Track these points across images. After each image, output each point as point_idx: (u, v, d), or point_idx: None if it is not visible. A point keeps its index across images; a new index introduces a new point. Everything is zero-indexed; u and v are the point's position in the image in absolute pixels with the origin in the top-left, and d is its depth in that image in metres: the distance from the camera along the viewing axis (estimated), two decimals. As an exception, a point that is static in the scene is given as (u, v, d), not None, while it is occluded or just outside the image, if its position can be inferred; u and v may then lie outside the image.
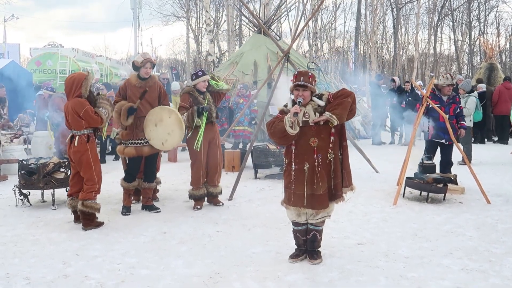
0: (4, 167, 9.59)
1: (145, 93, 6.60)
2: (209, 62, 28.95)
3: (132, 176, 6.87)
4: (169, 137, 6.64)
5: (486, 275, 4.58)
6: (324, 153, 4.67)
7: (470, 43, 47.10)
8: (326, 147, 4.67)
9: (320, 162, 4.68)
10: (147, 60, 6.63)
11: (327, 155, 4.67)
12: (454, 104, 8.17)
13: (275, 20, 19.13)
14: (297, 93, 4.67)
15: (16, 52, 30.83)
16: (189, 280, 4.46)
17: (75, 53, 22.61)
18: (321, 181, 4.67)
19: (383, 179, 9.10)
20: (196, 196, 7.05)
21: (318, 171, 4.67)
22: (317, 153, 4.67)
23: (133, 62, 6.74)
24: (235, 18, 35.03)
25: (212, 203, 7.25)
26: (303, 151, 4.70)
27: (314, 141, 4.66)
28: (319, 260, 4.86)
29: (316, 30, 41.62)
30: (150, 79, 6.72)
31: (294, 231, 4.98)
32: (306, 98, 4.69)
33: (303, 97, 4.66)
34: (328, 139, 4.65)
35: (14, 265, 4.84)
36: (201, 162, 6.96)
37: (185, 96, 6.95)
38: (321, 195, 4.68)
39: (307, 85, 4.66)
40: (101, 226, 6.12)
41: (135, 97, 6.62)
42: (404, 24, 48.11)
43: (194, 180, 7.06)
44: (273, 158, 9.36)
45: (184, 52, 50.72)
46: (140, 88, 6.64)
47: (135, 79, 6.70)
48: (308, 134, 4.67)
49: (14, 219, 6.56)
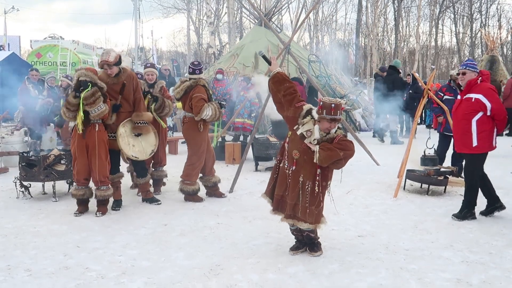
0: (5, 159, 9.59)
1: (124, 87, 6.48)
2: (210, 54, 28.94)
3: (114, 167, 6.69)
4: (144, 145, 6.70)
5: (487, 267, 4.58)
6: (298, 170, 4.63)
7: (471, 35, 47.02)
8: (304, 168, 4.61)
9: (291, 174, 4.67)
10: (103, 63, 6.34)
11: (299, 175, 4.63)
12: None
13: (276, 12, 19.09)
14: (329, 125, 4.49)
15: (16, 44, 30.82)
16: (190, 272, 4.47)
17: (76, 45, 22.61)
18: (290, 191, 4.69)
19: (383, 172, 9.10)
20: (195, 191, 7.01)
21: (288, 180, 4.69)
22: (295, 165, 4.65)
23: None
24: (235, 10, 34.92)
25: (215, 195, 7.23)
26: (289, 155, 4.71)
27: (296, 154, 4.63)
28: (319, 252, 4.87)
29: (317, 22, 41.53)
30: (122, 74, 6.48)
31: (290, 229, 4.99)
32: (331, 130, 4.54)
33: (330, 128, 4.51)
34: (311, 164, 4.56)
35: (15, 256, 4.85)
36: (204, 155, 6.97)
37: (202, 89, 6.95)
38: (290, 204, 4.70)
39: (340, 119, 4.55)
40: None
41: (114, 93, 6.45)
42: (405, 16, 47.98)
43: (193, 174, 7.01)
44: (274, 151, 9.35)
45: (185, 44, 50.70)
46: (114, 85, 6.42)
47: (105, 77, 6.40)
48: (297, 145, 4.64)
49: (15, 211, 6.56)
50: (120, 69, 6.49)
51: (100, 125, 6.28)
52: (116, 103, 6.46)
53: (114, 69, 6.40)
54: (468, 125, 6.01)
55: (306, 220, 4.64)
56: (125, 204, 6.79)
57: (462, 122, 6.09)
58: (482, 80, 6.07)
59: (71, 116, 6.24)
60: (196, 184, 7.03)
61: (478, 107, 5.94)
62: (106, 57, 6.32)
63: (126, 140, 6.52)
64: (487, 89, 6.01)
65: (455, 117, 6.28)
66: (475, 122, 5.97)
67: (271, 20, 17.80)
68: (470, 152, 6.08)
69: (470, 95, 6.03)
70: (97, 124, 6.25)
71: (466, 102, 6.05)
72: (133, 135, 6.58)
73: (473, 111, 5.98)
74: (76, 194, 6.34)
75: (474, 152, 6.04)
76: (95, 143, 6.21)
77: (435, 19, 45.63)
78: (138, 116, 6.55)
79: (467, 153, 6.14)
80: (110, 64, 6.33)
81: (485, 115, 5.95)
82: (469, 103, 6.00)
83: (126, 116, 6.56)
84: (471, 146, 6.02)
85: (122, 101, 6.52)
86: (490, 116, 5.96)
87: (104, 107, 6.19)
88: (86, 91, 6.09)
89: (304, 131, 4.59)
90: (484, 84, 6.05)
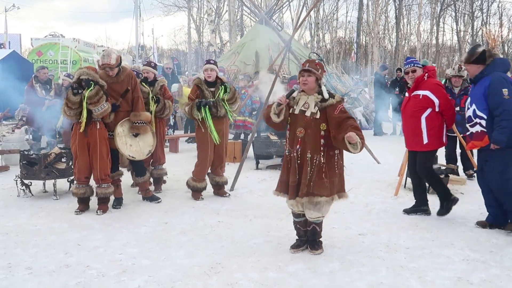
0: (6, 158, 9.60)
1: (127, 93, 6.50)
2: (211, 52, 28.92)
3: (113, 165, 6.70)
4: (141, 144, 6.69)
5: (487, 266, 4.58)
6: (305, 148, 4.64)
7: (472, 33, 46.94)
8: (309, 143, 4.63)
9: (299, 154, 4.67)
10: (105, 66, 6.32)
11: (306, 151, 4.64)
12: (466, 96, 8.07)
13: (276, 10, 19.07)
14: (302, 79, 4.68)
15: (17, 43, 30.82)
16: (190, 270, 4.47)
17: (76, 43, 22.59)
18: (297, 172, 4.67)
19: (384, 170, 9.10)
20: (198, 188, 7.04)
21: (297, 162, 4.68)
22: (300, 144, 4.66)
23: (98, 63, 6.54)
24: (236, 8, 34.90)
25: (218, 194, 7.24)
26: (292, 138, 4.74)
27: (300, 132, 4.66)
28: (320, 250, 4.86)
29: (318, 20, 41.48)
30: (121, 74, 6.48)
31: (295, 222, 4.98)
32: (309, 83, 4.67)
33: (306, 81, 4.66)
34: (314, 136, 4.61)
35: (16, 255, 4.86)
36: (208, 154, 6.94)
37: (194, 88, 7.00)
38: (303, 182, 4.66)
39: (311, 70, 4.65)
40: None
41: (113, 92, 6.45)
42: (406, 14, 47.91)
43: (198, 171, 7.03)
44: (275, 149, 9.36)
45: (185, 42, 50.68)
46: (113, 84, 6.42)
47: (105, 76, 6.39)
48: (299, 123, 4.67)
49: (15, 209, 6.57)
50: (120, 68, 6.49)
51: (101, 123, 6.29)
52: (116, 103, 6.46)
53: (115, 71, 6.42)
54: (417, 122, 5.99)
55: (321, 193, 4.62)
56: (126, 203, 6.79)
57: (411, 119, 6.08)
58: (429, 76, 6.07)
59: (72, 114, 6.22)
60: (202, 182, 7.05)
61: (426, 103, 5.93)
62: (107, 60, 6.30)
63: (124, 139, 6.52)
64: (434, 85, 6.00)
65: (404, 115, 6.27)
66: (424, 119, 5.95)
67: (272, 18, 17.79)
68: (422, 150, 6.06)
69: (417, 92, 6.02)
70: (98, 122, 6.25)
71: (414, 99, 6.05)
72: (130, 135, 6.58)
73: (421, 108, 5.97)
74: (77, 192, 6.34)
75: (426, 150, 6.04)
76: (96, 141, 6.21)
77: (436, 17, 45.60)
78: (136, 116, 6.55)
79: (418, 150, 6.11)
80: (112, 67, 6.34)
81: (433, 111, 5.95)
82: (417, 100, 6.00)
83: (124, 115, 6.55)
84: (422, 143, 6.01)
85: (121, 100, 6.52)
86: (439, 112, 5.96)
87: (106, 105, 6.20)
88: (90, 90, 6.08)
89: (301, 107, 4.68)
90: (431, 80, 6.05)
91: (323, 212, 4.75)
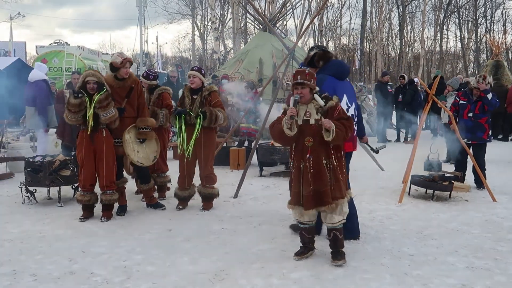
0: (11, 165, 9.63)
1: (131, 91, 6.50)
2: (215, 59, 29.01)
3: (117, 173, 6.69)
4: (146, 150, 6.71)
5: (492, 273, 4.56)
6: (317, 155, 4.65)
7: (476, 40, 46.94)
8: (320, 150, 4.65)
9: (311, 163, 4.67)
10: (127, 60, 6.39)
11: (320, 157, 4.65)
12: (481, 102, 8.10)
13: (280, 17, 19.14)
14: (296, 92, 4.72)
15: (22, 50, 31.04)
16: (195, 277, 4.47)
17: (81, 51, 22.75)
18: (312, 182, 4.66)
19: (388, 177, 9.09)
20: (179, 196, 6.96)
21: (310, 172, 4.68)
22: (310, 153, 4.67)
23: (111, 64, 6.46)
24: (240, 15, 35.02)
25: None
26: (300, 149, 4.74)
27: (309, 141, 4.67)
28: (342, 261, 4.72)
29: (322, 27, 41.58)
30: (127, 79, 6.48)
31: (300, 229, 4.98)
32: (305, 95, 4.71)
33: (301, 94, 4.69)
34: (324, 142, 4.62)
35: (21, 261, 4.87)
36: (183, 163, 6.80)
37: (181, 96, 6.97)
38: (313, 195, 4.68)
39: (304, 82, 4.69)
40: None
41: (120, 98, 6.45)
42: (410, 21, 48.04)
43: (178, 180, 6.95)
44: (278, 156, 9.36)
45: (189, 50, 50.92)
46: (119, 89, 6.44)
47: (112, 80, 6.42)
48: (306, 133, 4.69)
49: (20, 216, 6.59)
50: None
51: (106, 130, 6.32)
52: (121, 107, 6.49)
53: (128, 71, 6.48)
54: None
55: (342, 195, 4.68)
56: (130, 210, 6.81)
57: None
58: None
59: (73, 118, 6.23)
60: (183, 191, 6.90)
61: None
62: (127, 55, 6.46)
63: (131, 146, 6.54)
64: None
65: None
66: None
67: (276, 26, 17.84)
68: None
69: None
70: (104, 130, 6.28)
71: None
72: (137, 141, 6.60)
73: None
74: (82, 199, 6.36)
75: None
76: (103, 148, 6.23)
77: (439, 24, 45.67)
78: (142, 121, 6.57)
79: None
80: (132, 63, 6.45)
81: None
82: None
83: (130, 121, 6.55)
84: None
85: (126, 105, 6.51)
86: None
87: (114, 111, 6.23)
88: (100, 94, 6.12)
89: (303, 116, 4.70)
90: None
91: (343, 214, 4.76)
